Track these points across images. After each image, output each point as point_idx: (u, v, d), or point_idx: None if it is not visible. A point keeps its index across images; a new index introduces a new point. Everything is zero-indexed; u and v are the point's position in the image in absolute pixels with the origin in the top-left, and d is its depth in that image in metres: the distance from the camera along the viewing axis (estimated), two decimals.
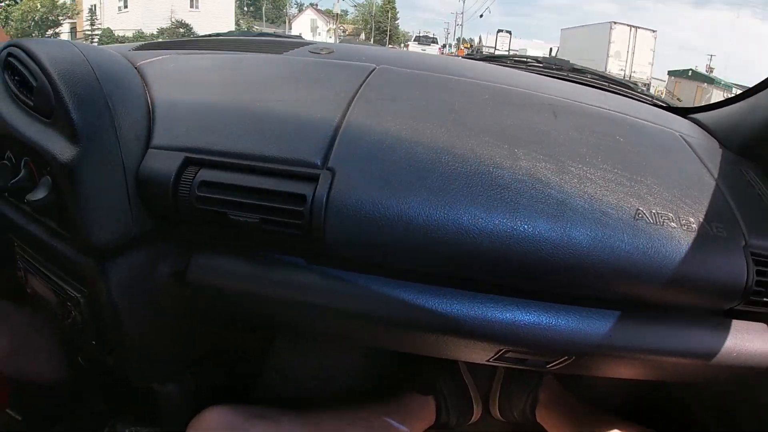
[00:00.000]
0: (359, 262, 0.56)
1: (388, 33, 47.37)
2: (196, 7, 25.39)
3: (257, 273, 0.60)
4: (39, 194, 0.56)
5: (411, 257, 0.52)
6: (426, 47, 21.86)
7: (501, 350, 0.59)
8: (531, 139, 0.57)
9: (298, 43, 0.93)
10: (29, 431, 0.97)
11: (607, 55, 18.83)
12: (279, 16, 40.89)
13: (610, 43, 18.88)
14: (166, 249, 0.64)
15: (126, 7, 22.07)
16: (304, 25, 38.34)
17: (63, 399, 1.06)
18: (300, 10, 42.31)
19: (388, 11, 49.42)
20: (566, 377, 1.10)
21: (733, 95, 0.81)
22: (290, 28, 34.20)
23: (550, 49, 23.82)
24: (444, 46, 33.36)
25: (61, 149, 0.54)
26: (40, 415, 1.01)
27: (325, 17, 40.32)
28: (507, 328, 0.54)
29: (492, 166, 0.53)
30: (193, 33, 20.20)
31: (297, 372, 1.09)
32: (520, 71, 0.90)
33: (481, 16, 34.60)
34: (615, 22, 19.18)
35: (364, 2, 51.84)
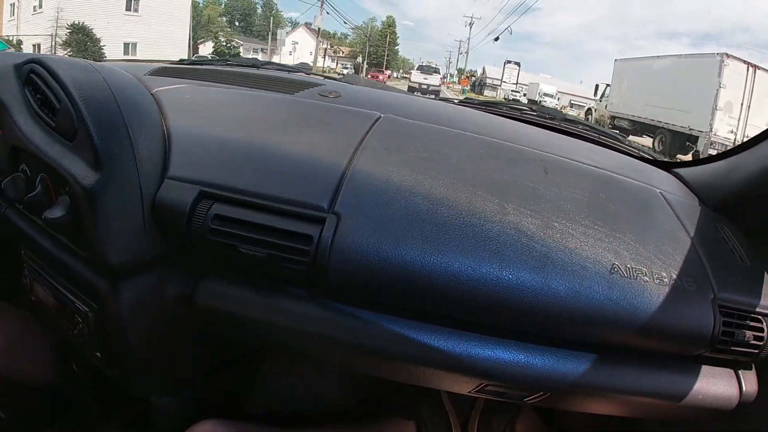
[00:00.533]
0: (357, 298, 0.61)
1: (385, 59, 47.18)
2: (135, 10, 20.45)
3: (261, 301, 0.64)
4: (57, 212, 0.59)
5: (405, 298, 0.57)
6: (428, 76, 22.10)
7: (482, 384, 0.63)
8: (520, 194, 0.62)
9: (308, 83, 0.99)
10: (12, 431, 0.98)
11: (715, 107, 10.99)
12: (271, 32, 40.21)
13: (719, 88, 10.95)
14: (175, 272, 0.68)
15: (41, 7, 18.59)
16: (289, 45, 38.45)
17: (52, 402, 1.08)
18: (293, 28, 43.55)
19: (386, 35, 48.96)
20: (543, 409, 1.13)
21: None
22: (276, 46, 33.32)
23: (596, 87, 17.07)
24: (445, 76, 33.58)
25: (83, 173, 0.58)
26: (26, 416, 1.02)
27: (319, 38, 40.62)
28: (488, 364, 0.59)
29: (483, 219, 0.58)
30: (92, 38, 17.88)
31: (285, 393, 1.12)
32: (515, 122, 0.95)
33: (497, 39, 35.41)
34: (728, 55, 11.07)
35: (363, 25, 51.74)
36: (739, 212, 0.75)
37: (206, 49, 32.38)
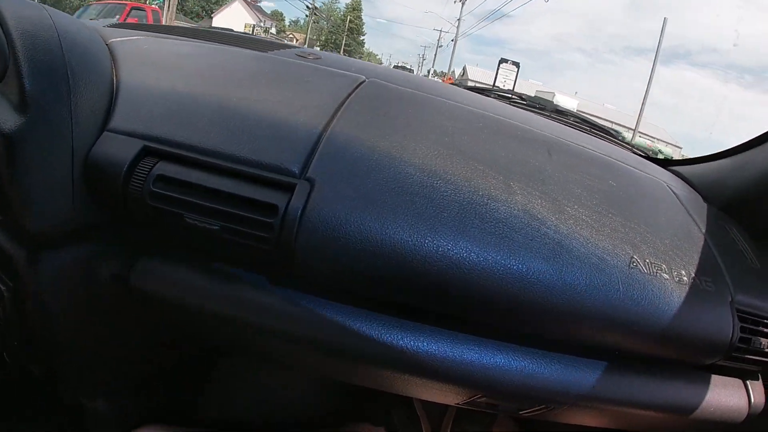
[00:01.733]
0: (329, 287, 0.50)
1: (343, 47, 41.73)
2: None
3: (210, 287, 0.53)
4: None
5: (390, 288, 0.47)
6: None
7: (475, 395, 0.55)
8: (526, 173, 0.54)
9: (284, 44, 0.88)
10: None
11: None
12: (207, 10, 34.57)
13: None
14: (109, 249, 0.57)
15: None
16: (225, 22, 31.87)
17: None
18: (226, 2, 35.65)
19: (347, 19, 44.08)
20: (520, 418, 1.08)
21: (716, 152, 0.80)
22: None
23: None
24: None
25: (5, 116, 0.47)
26: None
27: (258, 14, 35.22)
28: (486, 373, 0.50)
29: (487, 198, 0.49)
30: None
31: (243, 397, 1.01)
32: (509, 106, 0.87)
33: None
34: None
35: (323, 6, 45.34)
36: (746, 212, 0.70)
37: None
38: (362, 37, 48.62)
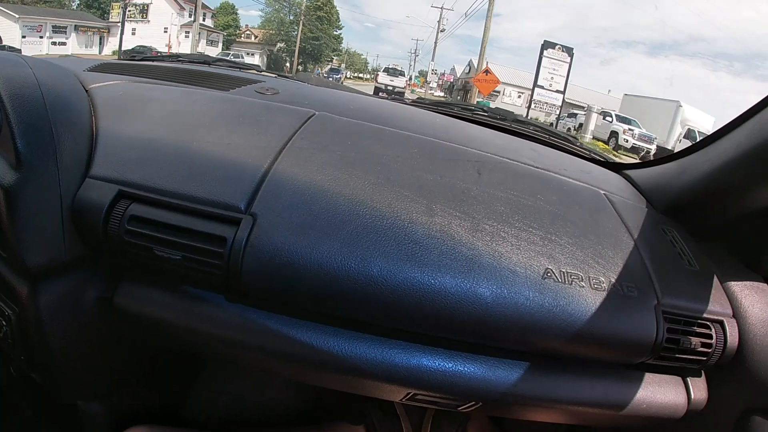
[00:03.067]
0: (273, 302, 0.58)
1: (296, 50, 34.50)
2: None
3: (180, 305, 0.61)
4: None
5: (321, 302, 0.54)
6: (394, 78, 22.27)
7: (409, 393, 0.61)
8: (450, 195, 0.60)
9: (247, 80, 0.96)
10: None
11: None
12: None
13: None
14: (95, 275, 0.65)
15: None
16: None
17: None
18: None
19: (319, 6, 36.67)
20: (495, 416, 1.11)
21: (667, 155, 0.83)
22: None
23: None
24: (410, 78, 30.76)
25: (3, 173, 0.55)
26: None
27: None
28: (413, 372, 0.56)
29: (407, 221, 0.55)
30: None
31: (226, 399, 1.09)
32: (463, 122, 0.93)
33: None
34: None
35: None
36: (688, 215, 0.73)
37: None
38: (338, 32, 41.35)
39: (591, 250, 0.59)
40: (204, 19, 30.59)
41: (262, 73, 1.19)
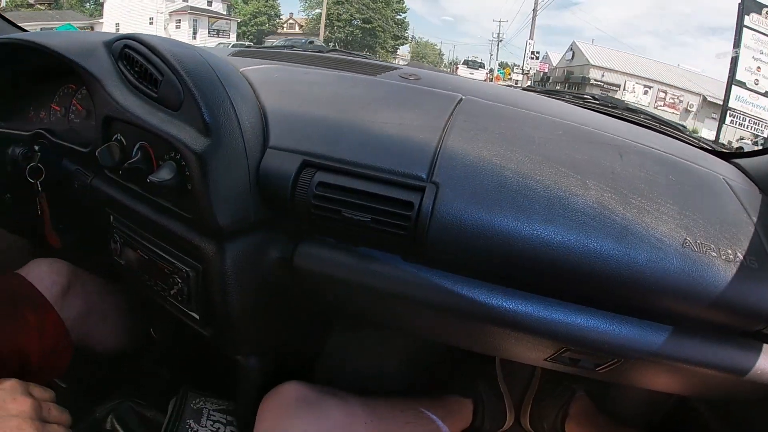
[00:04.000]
0: (449, 262, 0.66)
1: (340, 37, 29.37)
2: None
3: (357, 264, 0.69)
4: (164, 175, 0.64)
5: (496, 264, 0.63)
6: (474, 71, 21.70)
7: (561, 349, 0.68)
8: (599, 172, 0.67)
9: (386, 66, 1.05)
10: (75, 400, 0.99)
11: None
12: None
13: None
14: (276, 237, 0.73)
15: None
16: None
17: (119, 371, 1.13)
18: None
19: None
20: (597, 395, 1.17)
21: None
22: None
23: None
24: (491, 70, 27.36)
25: (193, 139, 0.63)
26: (90, 386, 1.06)
27: None
28: (571, 329, 0.64)
29: (567, 193, 0.63)
30: None
31: (349, 364, 1.18)
32: (584, 110, 1.00)
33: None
34: None
35: None
36: None
37: None
38: (403, 15, 33.56)
39: (719, 226, 0.65)
40: (211, 3, 26.10)
41: (367, 59, 1.26)
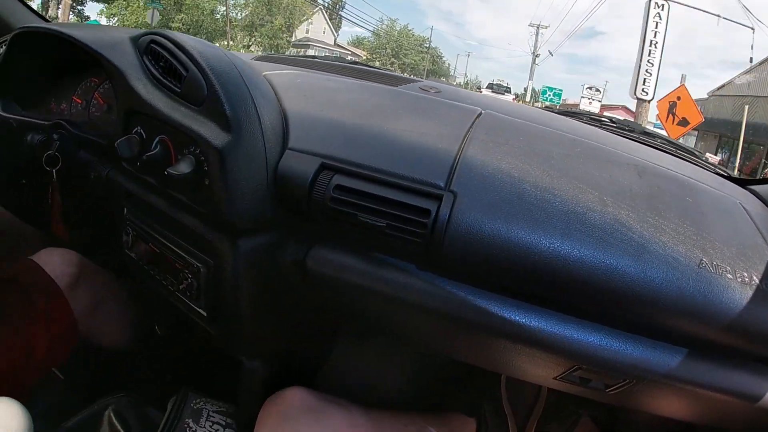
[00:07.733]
0: (463, 273, 0.65)
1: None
2: None
3: (370, 270, 0.69)
4: (183, 168, 0.65)
5: (511, 276, 0.62)
6: (499, 96, 20.11)
7: (572, 367, 0.68)
8: (617, 190, 0.67)
9: (407, 78, 1.06)
10: (74, 393, 0.99)
11: None
12: None
13: None
14: (287, 239, 0.74)
15: None
16: None
17: (121, 367, 1.12)
18: None
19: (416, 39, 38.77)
20: (602, 420, 1.15)
21: None
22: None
23: None
24: (517, 96, 26.75)
25: (214, 134, 0.63)
26: (89, 380, 1.06)
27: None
28: (584, 346, 0.63)
29: (585, 208, 0.63)
30: None
31: (353, 374, 1.17)
32: (602, 130, 1.00)
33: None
34: None
35: (387, 25, 39.94)
36: None
37: None
38: (444, 58, 42.07)
39: (735, 248, 0.65)
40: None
41: (388, 71, 1.27)
